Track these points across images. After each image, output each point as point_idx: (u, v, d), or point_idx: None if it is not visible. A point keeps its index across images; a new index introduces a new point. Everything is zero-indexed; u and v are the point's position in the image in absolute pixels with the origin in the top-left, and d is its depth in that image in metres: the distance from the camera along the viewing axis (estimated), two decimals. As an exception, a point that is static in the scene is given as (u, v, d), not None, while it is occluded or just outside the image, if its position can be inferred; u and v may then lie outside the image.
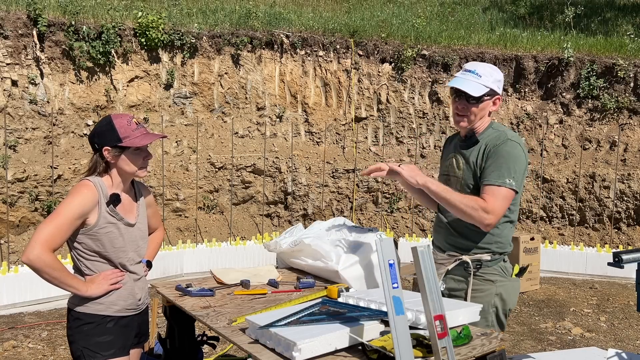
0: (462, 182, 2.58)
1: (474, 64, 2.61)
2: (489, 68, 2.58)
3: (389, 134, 9.56)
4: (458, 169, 2.62)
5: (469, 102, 2.52)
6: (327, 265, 2.76)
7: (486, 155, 2.50)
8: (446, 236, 2.66)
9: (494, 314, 2.57)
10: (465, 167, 2.59)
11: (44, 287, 5.81)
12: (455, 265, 2.59)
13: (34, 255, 2.19)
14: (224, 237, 8.48)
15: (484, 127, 2.61)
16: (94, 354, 2.38)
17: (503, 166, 2.44)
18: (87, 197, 2.32)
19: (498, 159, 2.46)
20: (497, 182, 2.44)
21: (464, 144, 2.64)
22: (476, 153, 2.56)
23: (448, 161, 2.71)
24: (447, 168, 2.70)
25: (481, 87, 2.50)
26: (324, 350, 1.82)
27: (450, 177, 2.66)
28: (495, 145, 2.49)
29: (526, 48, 9.71)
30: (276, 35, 9.28)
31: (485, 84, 2.52)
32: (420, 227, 9.12)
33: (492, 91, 2.54)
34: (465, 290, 2.56)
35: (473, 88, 2.50)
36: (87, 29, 8.03)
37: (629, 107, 8.94)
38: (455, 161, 2.66)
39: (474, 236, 2.56)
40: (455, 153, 2.68)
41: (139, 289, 2.54)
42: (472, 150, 2.58)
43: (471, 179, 2.56)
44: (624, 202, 8.52)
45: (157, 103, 8.68)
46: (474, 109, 2.53)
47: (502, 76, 2.64)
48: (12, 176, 7.38)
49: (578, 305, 6.41)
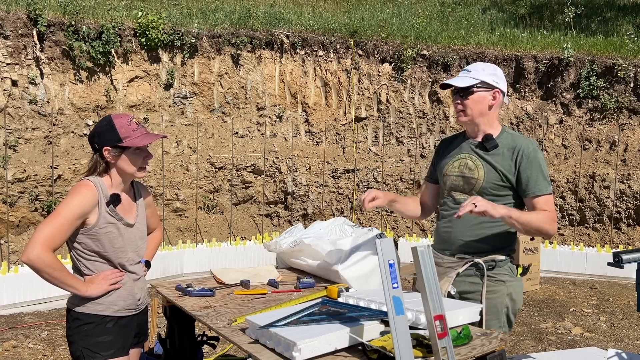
0: (482, 184, 2.57)
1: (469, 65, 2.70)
2: (482, 65, 2.66)
3: (389, 134, 9.56)
4: (478, 171, 2.59)
5: (461, 95, 2.60)
6: (327, 265, 2.76)
7: (519, 162, 2.53)
8: (457, 240, 2.62)
9: (505, 314, 2.58)
10: (487, 169, 2.57)
11: (44, 287, 5.80)
12: (466, 268, 2.58)
13: (34, 255, 2.19)
14: (224, 237, 8.48)
15: (499, 131, 2.64)
16: (93, 354, 2.38)
17: (544, 174, 2.54)
18: (87, 197, 2.32)
19: (538, 168, 2.53)
20: (547, 191, 2.53)
21: (481, 147, 2.63)
22: (500, 158, 2.57)
23: (458, 162, 2.67)
24: (459, 169, 2.65)
25: (469, 79, 2.58)
26: (324, 350, 1.82)
27: (468, 179, 2.61)
28: (527, 152, 2.54)
29: (526, 48, 9.71)
30: (276, 35, 9.28)
31: (475, 76, 2.58)
32: (420, 227, 9.12)
33: (484, 83, 2.58)
34: (479, 292, 2.55)
35: (460, 81, 2.59)
36: (87, 29, 8.03)
37: (629, 107, 8.94)
38: (471, 163, 2.62)
39: (491, 239, 2.58)
40: (468, 154, 2.65)
41: (138, 288, 2.53)
42: (493, 155, 2.58)
43: (494, 182, 2.55)
44: (624, 202, 8.52)
45: (157, 103, 8.68)
46: (467, 101, 2.58)
47: (501, 72, 2.66)
48: (12, 176, 7.38)
49: (578, 305, 6.41)
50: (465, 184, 2.61)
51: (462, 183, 2.62)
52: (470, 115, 2.60)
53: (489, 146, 2.58)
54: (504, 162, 2.55)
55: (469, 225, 2.58)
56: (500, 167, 2.55)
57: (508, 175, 2.54)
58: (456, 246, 2.62)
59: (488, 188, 2.55)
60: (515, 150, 2.55)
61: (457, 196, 2.64)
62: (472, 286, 2.58)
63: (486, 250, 2.58)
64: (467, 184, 2.61)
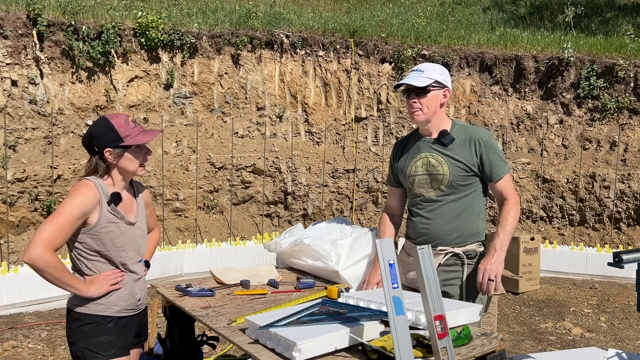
0: (449, 178, 2.71)
1: (420, 65, 2.83)
2: (432, 65, 2.81)
3: (389, 134, 9.56)
4: (442, 167, 2.73)
5: (417, 95, 2.70)
6: (327, 265, 2.76)
7: (479, 151, 2.71)
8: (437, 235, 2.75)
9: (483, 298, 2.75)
10: (450, 163, 2.72)
11: (43, 287, 5.80)
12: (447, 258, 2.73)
13: (36, 255, 2.18)
14: (224, 237, 8.48)
15: (450, 125, 2.80)
16: (94, 354, 2.37)
17: (501, 157, 2.74)
18: (88, 196, 2.31)
19: (495, 152, 2.72)
20: (506, 171, 2.75)
21: (439, 143, 2.76)
22: (460, 150, 2.72)
23: (420, 161, 2.79)
24: (423, 167, 2.78)
25: (425, 79, 2.70)
26: (324, 350, 1.82)
27: (434, 176, 2.74)
28: (484, 140, 2.72)
29: (526, 48, 9.71)
30: (276, 35, 9.28)
31: (429, 76, 2.70)
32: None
33: (437, 83, 2.72)
34: (460, 279, 2.73)
35: (417, 81, 2.70)
36: (87, 29, 8.03)
37: (629, 107, 8.94)
38: (433, 160, 2.76)
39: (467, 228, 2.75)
40: (428, 152, 2.78)
41: (138, 289, 2.53)
42: (452, 148, 2.73)
43: (459, 174, 2.71)
44: (624, 202, 8.52)
45: (157, 103, 8.68)
46: (423, 100, 2.71)
47: (447, 71, 2.83)
48: (12, 176, 7.37)
49: (578, 306, 6.41)
50: (433, 181, 2.76)
51: (429, 180, 2.77)
52: (426, 114, 2.73)
53: (447, 141, 2.74)
54: (463, 153, 2.72)
55: (446, 221, 2.75)
56: (461, 158, 2.71)
57: (470, 165, 2.71)
58: (437, 240, 2.75)
59: (455, 181, 2.71)
60: (472, 140, 2.73)
61: (427, 194, 2.78)
62: (452, 274, 2.75)
63: (463, 240, 2.75)
64: (434, 180, 2.75)
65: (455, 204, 2.73)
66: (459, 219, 2.74)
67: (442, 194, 2.73)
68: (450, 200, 2.73)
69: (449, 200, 2.73)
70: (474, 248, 2.77)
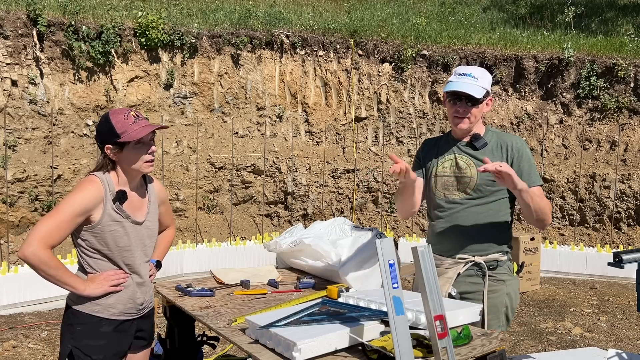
0: (476, 182, 2.59)
1: (466, 67, 2.67)
2: (482, 71, 2.65)
3: (389, 134, 9.56)
4: (470, 170, 2.61)
5: (468, 104, 2.57)
6: (327, 265, 2.75)
7: (512, 158, 2.58)
8: (456, 241, 2.62)
9: (504, 313, 2.61)
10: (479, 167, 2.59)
11: (43, 287, 5.80)
12: (467, 268, 2.59)
13: (30, 252, 2.13)
14: (224, 237, 8.48)
15: (484, 130, 2.69)
16: (84, 355, 2.29)
17: (534, 167, 2.60)
18: (91, 193, 2.25)
19: (529, 161, 2.59)
20: (539, 182, 2.58)
21: (470, 146, 2.65)
22: (491, 155, 2.58)
23: (449, 162, 2.68)
24: (451, 169, 2.67)
25: (480, 89, 2.56)
26: (324, 350, 1.82)
27: (461, 178, 2.63)
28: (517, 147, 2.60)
29: (526, 48, 9.71)
30: (276, 35, 9.28)
31: (483, 85, 2.58)
32: (420, 227, 9.12)
33: (487, 92, 2.61)
34: (480, 292, 2.57)
35: (475, 90, 2.55)
36: (87, 29, 8.03)
37: (629, 107, 8.93)
38: (462, 162, 2.64)
39: (492, 237, 2.60)
40: (457, 154, 2.67)
41: (141, 292, 2.44)
42: (483, 153, 2.60)
43: (488, 178, 2.55)
44: (624, 202, 8.51)
45: (157, 103, 8.68)
46: (475, 110, 2.58)
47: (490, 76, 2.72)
48: (12, 176, 7.37)
49: (578, 306, 6.41)
50: (459, 183, 2.64)
51: (455, 182, 2.65)
52: (472, 123, 2.62)
53: (479, 145, 2.62)
54: (494, 158, 2.56)
55: (466, 224, 2.60)
56: None
57: None
58: (455, 246, 2.62)
59: (482, 184, 2.58)
60: (506, 147, 2.61)
61: (451, 196, 2.65)
62: (472, 286, 2.59)
63: (486, 248, 2.60)
64: (460, 182, 2.63)
65: (480, 209, 2.59)
66: (482, 225, 2.59)
67: (467, 198, 2.61)
68: (474, 205, 2.60)
69: (473, 204, 2.60)
70: (496, 257, 2.60)
